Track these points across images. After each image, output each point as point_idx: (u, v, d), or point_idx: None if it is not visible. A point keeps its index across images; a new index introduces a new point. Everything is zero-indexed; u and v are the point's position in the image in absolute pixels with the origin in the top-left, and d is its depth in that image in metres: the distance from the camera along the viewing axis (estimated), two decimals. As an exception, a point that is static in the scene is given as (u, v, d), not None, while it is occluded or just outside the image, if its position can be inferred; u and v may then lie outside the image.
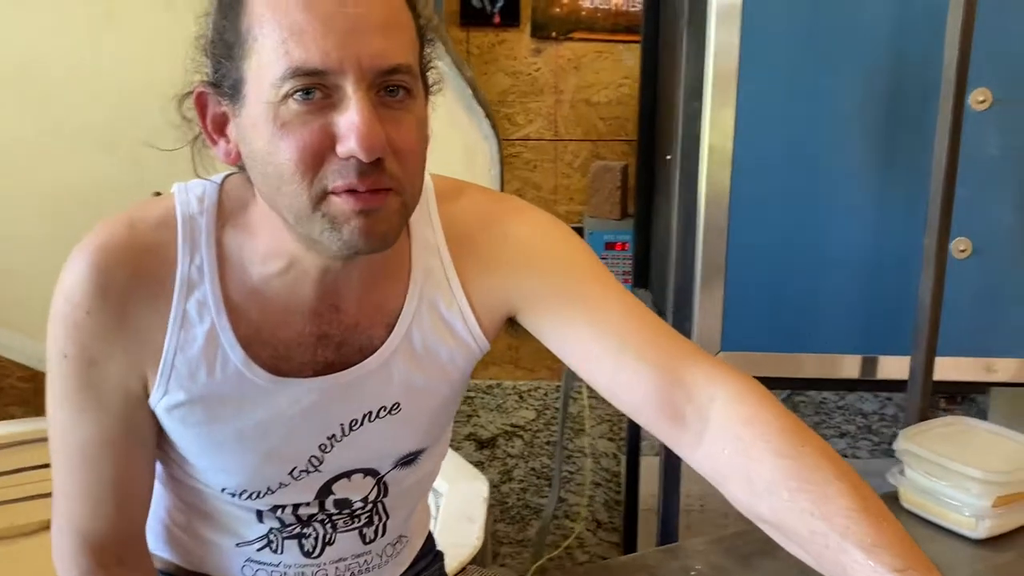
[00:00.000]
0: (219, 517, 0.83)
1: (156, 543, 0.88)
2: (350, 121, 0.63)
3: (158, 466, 0.82)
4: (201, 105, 0.71)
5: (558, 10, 2.03)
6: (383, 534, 0.88)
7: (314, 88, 0.63)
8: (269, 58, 0.63)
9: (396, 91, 0.66)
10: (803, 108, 1.29)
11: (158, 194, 1.22)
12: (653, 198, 1.82)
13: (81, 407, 0.74)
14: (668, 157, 1.53)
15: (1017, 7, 1.25)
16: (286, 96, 0.63)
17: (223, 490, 0.80)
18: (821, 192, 1.32)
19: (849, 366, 1.39)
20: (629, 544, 2.12)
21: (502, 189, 1.78)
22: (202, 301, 0.73)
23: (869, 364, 1.39)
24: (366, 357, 0.78)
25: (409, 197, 0.69)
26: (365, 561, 0.88)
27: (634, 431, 2.06)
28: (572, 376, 2.12)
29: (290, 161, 0.64)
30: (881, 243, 1.33)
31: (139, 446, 0.77)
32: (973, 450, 1.13)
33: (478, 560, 1.27)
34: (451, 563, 1.13)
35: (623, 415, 2.17)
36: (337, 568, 0.86)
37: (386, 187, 0.65)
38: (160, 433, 0.79)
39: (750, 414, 0.72)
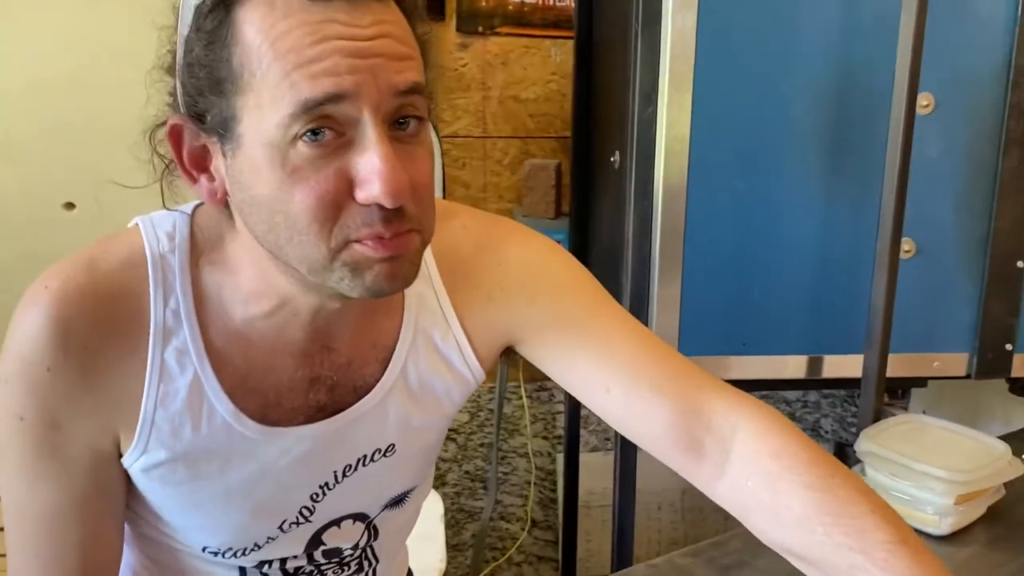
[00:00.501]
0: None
1: None
2: (371, 165, 0.57)
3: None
4: (176, 138, 0.62)
5: (484, 3, 1.97)
6: None
7: (323, 127, 0.57)
8: (273, 96, 0.56)
9: (406, 123, 0.60)
10: (758, 111, 1.29)
11: (71, 206, 1.10)
12: (590, 197, 1.80)
13: (42, 474, 0.66)
14: (613, 159, 1.50)
15: (957, 11, 1.28)
16: (295, 138, 0.57)
17: (204, 549, 0.73)
18: (774, 194, 1.33)
19: (798, 366, 1.41)
20: (568, 542, 2.11)
21: (443, 192, 1.72)
22: (181, 349, 0.65)
23: (816, 364, 1.41)
24: (360, 397, 0.72)
25: (427, 234, 0.64)
26: None
27: (573, 428, 2.05)
28: (507, 377, 2.09)
29: (305, 212, 0.58)
30: (831, 244, 1.35)
31: (107, 509, 0.69)
32: (932, 449, 1.16)
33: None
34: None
35: (557, 413, 2.17)
36: None
37: (408, 229, 0.60)
38: (129, 491, 0.71)
39: (777, 446, 0.71)
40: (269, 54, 0.56)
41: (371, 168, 0.57)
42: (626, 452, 1.42)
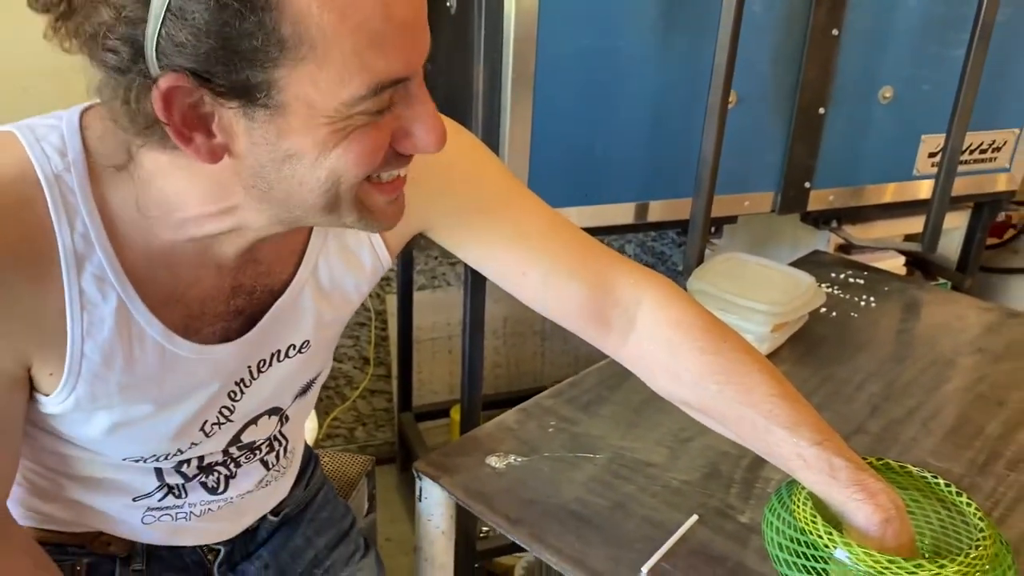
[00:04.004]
0: (109, 483, 0.76)
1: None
2: (424, 122, 0.60)
3: None
4: (169, 98, 0.54)
5: None
6: (285, 454, 0.86)
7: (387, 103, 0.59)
8: (340, 73, 0.54)
9: None
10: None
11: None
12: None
13: None
14: (449, 3, 1.46)
15: None
16: (358, 112, 0.56)
17: (124, 459, 0.72)
18: (617, 48, 1.36)
19: (628, 212, 1.51)
20: (403, 375, 2.21)
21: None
22: (99, 275, 0.62)
23: (644, 209, 1.51)
24: (276, 298, 0.72)
25: None
26: (266, 482, 0.86)
27: (407, 271, 2.09)
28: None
29: (356, 166, 0.58)
30: (666, 97, 1.42)
31: (7, 432, 0.66)
32: (751, 285, 1.32)
33: (317, 441, 1.27)
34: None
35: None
36: (243, 497, 0.84)
37: None
38: (34, 411, 0.68)
39: (676, 316, 0.79)
40: (337, 28, 0.52)
41: (425, 124, 0.60)
42: (475, 299, 1.48)
